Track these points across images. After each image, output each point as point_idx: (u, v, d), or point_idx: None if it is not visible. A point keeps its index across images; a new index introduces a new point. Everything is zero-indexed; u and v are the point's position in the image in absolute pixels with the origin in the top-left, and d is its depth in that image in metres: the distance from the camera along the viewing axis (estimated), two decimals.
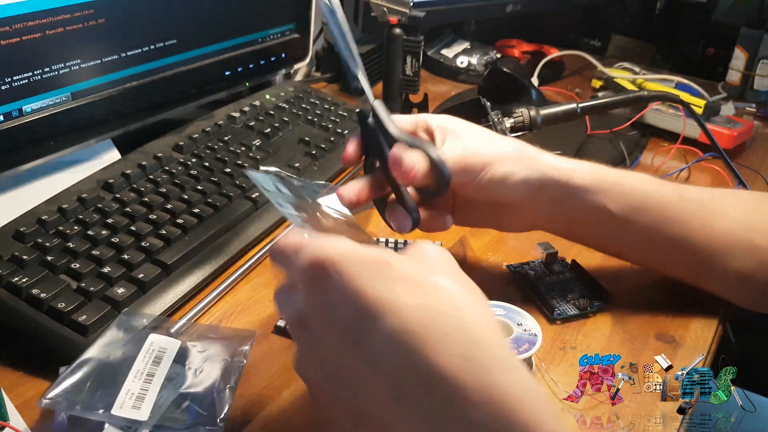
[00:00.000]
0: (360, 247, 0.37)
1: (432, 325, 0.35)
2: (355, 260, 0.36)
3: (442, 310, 0.35)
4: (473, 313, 0.36)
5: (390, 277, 0.35)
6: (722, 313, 0.62)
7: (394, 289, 0.35)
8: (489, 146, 0.56)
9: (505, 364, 0.35)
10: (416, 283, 0.36)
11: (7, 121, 0.65)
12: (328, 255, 0.36)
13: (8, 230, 0.60)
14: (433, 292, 0.36)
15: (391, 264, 0.36)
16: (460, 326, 0.35)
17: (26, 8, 0.63)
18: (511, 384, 0.35)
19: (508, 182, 0.56)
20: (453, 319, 0.35)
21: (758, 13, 1.12)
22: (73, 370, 0.48)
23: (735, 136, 0.94)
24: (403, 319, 0.34)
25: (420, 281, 0.36)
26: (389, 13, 0.95)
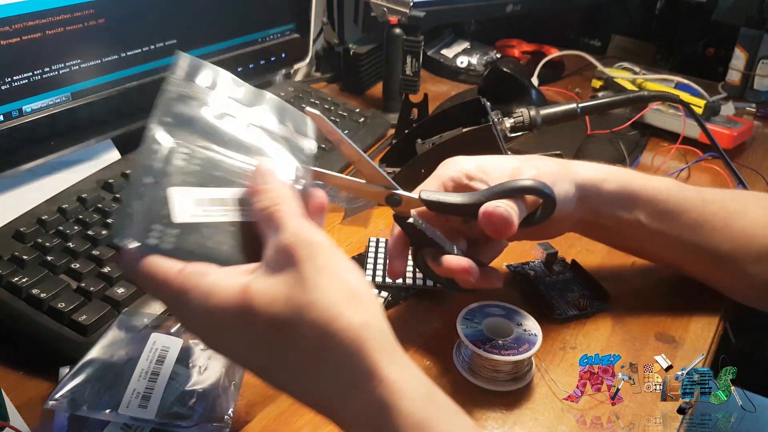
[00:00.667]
0: (221, 295, 0.38)
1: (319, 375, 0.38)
2: (220, 316, 0.38)
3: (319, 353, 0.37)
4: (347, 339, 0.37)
5: (263, 331, 0.38)
6: (722, 313, 0.62)
7: (273, 347, 0.38)
8: (534, 170, 0.55)
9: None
10: (290, 331, 0.37)
11: (7, 121, 0.65)
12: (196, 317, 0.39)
13: (8, 230, 0.60)
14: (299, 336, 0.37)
15: (257, 313, 0.37)
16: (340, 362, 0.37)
17: (26, 8, 0.63)
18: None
19: (565, 200, 0.56)
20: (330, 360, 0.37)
21: (758, 13, 1.12)
22: (77, 371, 0.48)
23: (735, 136, 0.94)
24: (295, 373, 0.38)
25: (293, 326, 0.37)
26: (389, 13, 0.95)
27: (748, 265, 0.59)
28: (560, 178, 0.56)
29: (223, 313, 0.38)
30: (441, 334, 0.58)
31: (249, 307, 0.37)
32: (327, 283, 0.38)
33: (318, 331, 0.37)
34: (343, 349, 0.37)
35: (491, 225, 0.50)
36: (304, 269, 0.38)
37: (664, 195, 0.59)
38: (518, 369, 0.53)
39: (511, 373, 0.53)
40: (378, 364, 0.37)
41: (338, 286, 0.38)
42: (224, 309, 0.38)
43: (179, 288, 0.39)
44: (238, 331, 0.38)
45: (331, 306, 0.37)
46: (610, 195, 0.58)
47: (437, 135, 0.73)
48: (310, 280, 0.37)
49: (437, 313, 0.61)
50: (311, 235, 0.39)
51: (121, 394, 0.47)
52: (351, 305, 0.37)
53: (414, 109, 0.92)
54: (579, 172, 0.58)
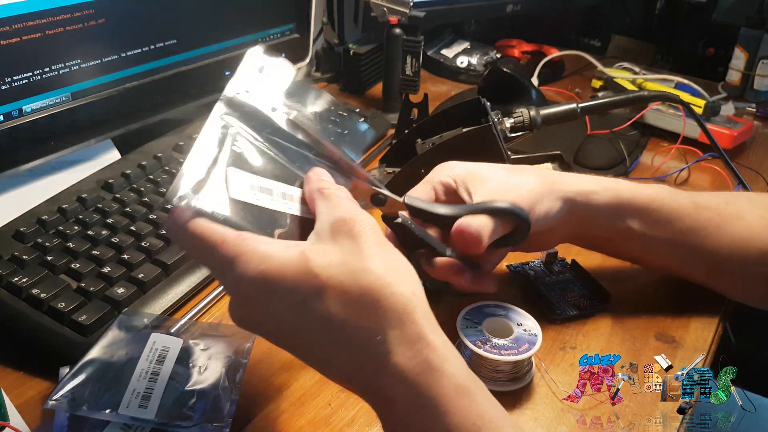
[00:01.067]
0: (282, 258, 0.40)
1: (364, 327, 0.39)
2: (280, 277, 0.40)
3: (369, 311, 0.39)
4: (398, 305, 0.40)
5: (317, 290, 0.39)
6: (722, 313, 0.62)
7: (326, 303, 0.39)
8: (521, 189, 0.56)
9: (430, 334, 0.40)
10: (341, 290, 0.39)
11: (7, 121, 0.65)
12: (253, 277, 0.40)
13: (8, 230, 0.60)
14: (357, 296, 0.39)
15: (315, 274, 0.39)
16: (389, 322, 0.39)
17: (26, 8, 0.63)
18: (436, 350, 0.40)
19: (547, 217, 0.57)
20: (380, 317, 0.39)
21: (758, 13, 1.12)
22: (77, 371, 0.48)
23: (735, 136, 0.94)
24: (339, 328, 0.39)
25: (346, 287, 0.39)
26: (389, 13, 0.95)
27: (747, 268, 0.59)
28: (544, 196, 0.57)
29: (281, 273, 0.39)
30: None
31: (307, 268, 0.39)
32: (380, 256, 0.41)
33: (372, 295, 0.39)
34: (394, 312, 0.39)
35: (461, 240, 0.52)
36: (361, 241, 0.41)
37: (657, 203, 0.59)
38: (518, 369, 0.53)
39: (511, 373, 0.53)
40: (425, 329, 0.40)
41: (390, 260, 0.41)
42: (282, 270, 0.39)
43: (235, 250, 0.40)
44: (291, 293, 0.39)
45: (384, 275, 0.40)
46: (602, 206, 0.59)
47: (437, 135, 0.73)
48: (365, 251, 0.40)
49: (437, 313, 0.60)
50: (367, 216, 0.42)
51: (121, 394, 0.47)
52: (400, 278, 0.40)
53: (414, 109, 0.92)
54: (567, 186, 0.58)
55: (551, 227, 0.58)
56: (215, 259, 0.41)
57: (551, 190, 0.57)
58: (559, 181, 0.59)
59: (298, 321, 0.40)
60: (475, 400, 0.40)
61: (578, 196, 0.58)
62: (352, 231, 0.41)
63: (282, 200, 0.44)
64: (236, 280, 0.40)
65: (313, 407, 0.51)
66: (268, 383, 0.53)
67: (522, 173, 0.59)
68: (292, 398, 0.52)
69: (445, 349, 0.40)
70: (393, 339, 0.39)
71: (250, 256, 0.40)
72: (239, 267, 0.40)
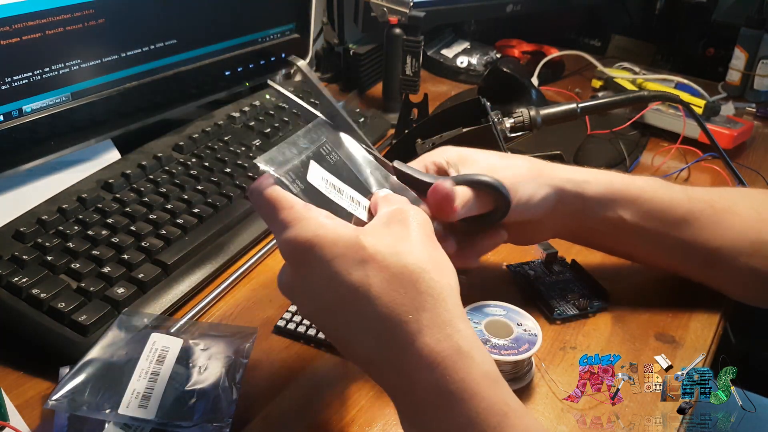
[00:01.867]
0: (337, 229, 0.42)
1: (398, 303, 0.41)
2: (331, 243, 0.42)
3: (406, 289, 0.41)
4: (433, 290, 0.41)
5: (362, 259, 0.41)
6: (722, 313, 0.62)
7: (367, 272, 0.41)
8: (506, 170, 0.56)
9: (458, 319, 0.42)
10: (384, 265, 0.41)
11: (7, 121, 0.65)
12: (308, 239, 0.42)
13: (8, 230, 0.60)
14: (398, 272, 0.41)
15: (363, 246, 0.41)
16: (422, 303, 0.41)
17: (26, 8, 0.63)
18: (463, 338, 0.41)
19: (531, 202, 0.57)
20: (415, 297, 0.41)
21: (758, 13, 1.12)
22: (77, 371, 0.48)
23: (735, 136, 0.94)
24: (374, 300, 0.41)
25: (388, 263, 0.41)
26: (389, 13, 0.95)
27: (739, 261, 0.59)
28: (530, 179, 0.57)
29: (333, 240, 0.41)
30: None
31: (358, 240, 0.41)
32: (425, 245, 0.43)
33: (411, 276, 0.41)
34: (429, 296, 0.41)
35: (435, 201, 0.52)
36: (410, 229, 0.43)
37: (649, 193, 0.59)
38: (518, 369, 0.53)
39: (511, 373, 0.53)
40: (456, 318, 0.41)
41: (433, 252, 0.43)
42: (335, 238, 0.42)
43: (300, 214, 0.43)
44: (338, 259, 0.41)
45: (426, 261, 0.42)
46: (593, 195, 0.59)
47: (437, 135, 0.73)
48: (413, 237, 0.43)
49: None
50: (420, 211, 0.45)
51: (121, 394, 0.47)
52: (439, 268, 0.43)
53: (414, 110, 0.92)
54: (557, 174, 0.58)
55: (540, 216, 0.58)
56: (280, 219, 0.43)
57: (539, 175, 0.58)
58: (548, 169, 0.59)
59: (338, 287, 0.41)
60: (501, 387, 0.41)
61: (568, 184, 0.58)
62: (405, 220, 0.44)
63: (349, 201, 0.48)
64: (293, 240, 0.42)
65: (313, 407, 0.51)
66: (268, 383, 0.53)
67: (513, 158, 0.59)
68: (292, 398, 0.52)
69: (473, 337, 0.42)
70: (425, 320, 0.40)
71: (310, 221, 0.42)
72: (298, 228, 0.42)
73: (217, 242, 0.65)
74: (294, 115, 0.89)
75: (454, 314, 0.41)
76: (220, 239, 0.66)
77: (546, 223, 0.60)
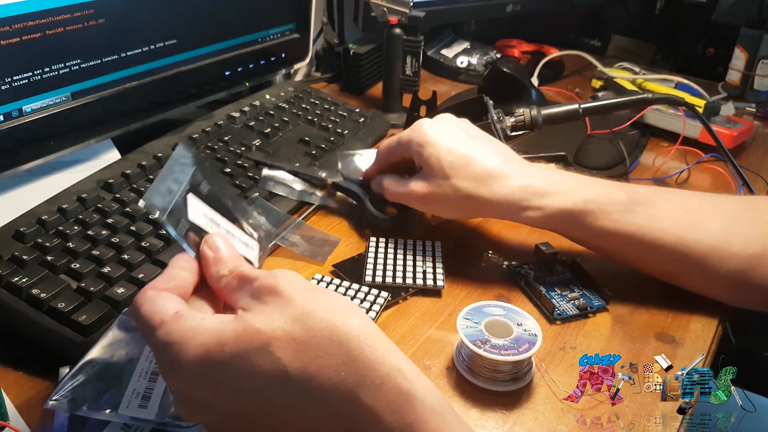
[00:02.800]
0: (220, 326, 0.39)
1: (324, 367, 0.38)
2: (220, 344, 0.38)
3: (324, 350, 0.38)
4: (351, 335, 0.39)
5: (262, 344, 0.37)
6: (722, 313, 0.62)
7: (275, 355, 0.37)
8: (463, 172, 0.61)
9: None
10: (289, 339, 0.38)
11: (7, 121, 0.65)
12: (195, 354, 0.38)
13: (8, 230, 0.60)
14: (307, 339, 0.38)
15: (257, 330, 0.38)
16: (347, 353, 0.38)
17: (26, 8, 0.63)
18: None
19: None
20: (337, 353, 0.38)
21: (758, 13, 1.12)
22: (77, 371, 0.48)
23: (735, 136, 0.94)
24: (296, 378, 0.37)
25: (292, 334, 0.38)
26: (389, 13, 0.95)
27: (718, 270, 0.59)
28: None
29: (219, 341, 0.38)
30: (441, 334, 0.58)
31: (246, 327, 0.38)
32: (315, 298, 0.40)
33: (323, 334, 0.38)
34: (350, 343, 0.38)
35: None
36: (288, 293, 0.40)
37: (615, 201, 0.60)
38: (518, 369, 0.53)
39: (511, 373, 0.53)
40: (386, 354, 0.38)
41: (325, 299, 0.40)
42: (220, 337, 0.38)
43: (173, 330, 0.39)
44: (235, 359, 0.38)
45: (327, 312, 0.39)
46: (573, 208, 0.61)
47: None
48: (298, 299, 0.39)
49: (437, 313, 0.61)
50: (281, 271, 0.41)
51: (121, 394, 0.47)
52: (342, 312, 0.39)
53: (422, 107, 0.92)
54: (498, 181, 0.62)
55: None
56: (155, 343, 0.40)
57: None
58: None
59: (251, 390, 0.38)
60: (447, 419, 0.39)
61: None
62: (276, 289, 0.40)
63: (226, 234, 0.48)
64: (178, 363, 0.39)
65: None
66: None
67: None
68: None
69: (409, 369, 0.39)
70: (355, 373, 0.37)
71: (185, 334, 0.39)
72: (177, 348, 0.39)
73: None
74: (294, 115, 0.89)
75: (381, 353, 0.38)
76: None
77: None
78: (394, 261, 0.64)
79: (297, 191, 0.73)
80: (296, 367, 0.37)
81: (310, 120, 0.89)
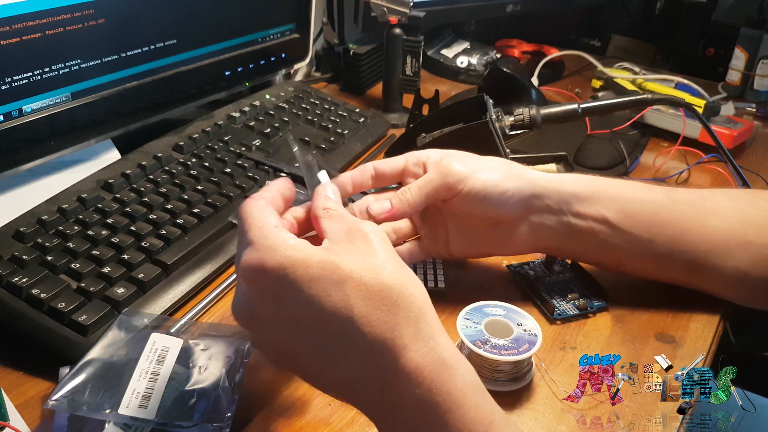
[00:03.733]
0: (308, 250, 0.41)
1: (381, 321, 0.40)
2: (304, 265, 0.40)
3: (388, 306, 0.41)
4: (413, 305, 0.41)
5: (339, 280, 0.40)
6: (722, 313, 0.62)
7: (346, 293, 0.40)
8: (469, 162, 0.58)
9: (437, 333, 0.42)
10: (362, 283, 0.40)
11: (7, 121, 0.65)
12: (279, 262, 0.41)
13: (8, 230, 0.60)
14: (377, 290, 0.41)
15: (338, 266, 0.40)
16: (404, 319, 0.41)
17: (26, 8, 0.63)
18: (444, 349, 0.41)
19: (504, 197, 0.57)
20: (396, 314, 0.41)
21: (758, 13, 1.12)
22: (77, 371, 0.48)
23: (735, 136, 0.94)
24: (357, 320, 0.40)
25: (366, 281, 0.41)
26: (389, 13, 0.95)
27: (726, 264, 0.58)
28: (506, 176, 0.58)
29: (306, 261, 0.40)
30: None
31: (331, 260, 0.41)
32: (395, 260, 0.43)
33: (391, 292, 0.40)
34: (410, 311, 0.41)
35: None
36: (376, 244, 0.43)
37: (630, 194, 0.60)
38: (518, 369, 0.53)
39: (511, 373, 0.53)
40: (437, 331, 0.42)
41: (402, 266, 0.43)
42: (306, 258, 0.41)
43: (269, 234, 0.42)
44: (314, 281, 0.40)
45: (402, 275, 0.42)
46: (571, 190, 0.58)
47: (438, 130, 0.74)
48: (382, 252, 0.42)
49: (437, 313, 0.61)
50: (376, 226, 0.44)
51: (121, 394, 0.47)
52: (414, 282, 0.42)
53: (425, 105, 0.92)
54: (536, 175, 0.59)
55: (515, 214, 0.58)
56: (248, 239, 0.42)
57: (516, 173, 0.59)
58: (525, 170, 0.60)
59: (319, 310, 0.40)
60: (486, 398, 0.41)
61: (547, 183, 0.58)
62: (367, 237, 0.43)
63: None
64: (261, 263, 0.41)
65: (313, 407, 0.51)
66: (268, 383, 0.53)
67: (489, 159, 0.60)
68: (292, 398, 0.52)
69: (454, 349, 0.42)
70: (408, 336, 0.40)
71: (278, 243, 0.41)
72: (266, 250, 0.41)
73: (217, 242, 0.65)
74: (294, 115, 0.89)
75: (434, 328, 0.41)
76: (220, 239, 0.66)
77: (522, 227, 0.59)
78: None
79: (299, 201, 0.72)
80: (361, 311, 0.40)
81: (310, 120, 0.89)
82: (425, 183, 0.57)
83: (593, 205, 0.58)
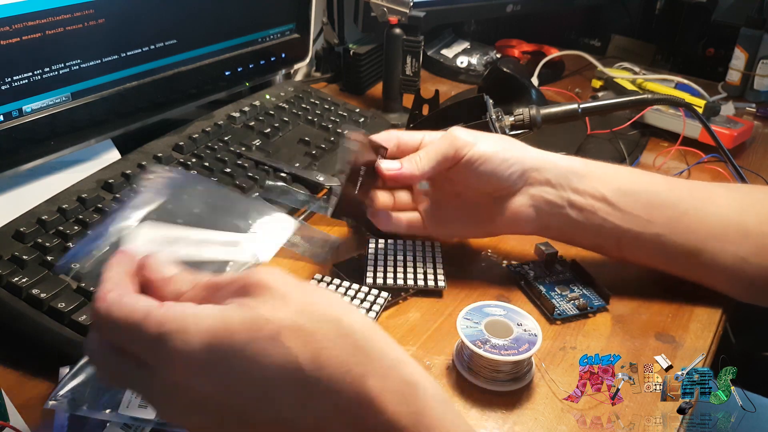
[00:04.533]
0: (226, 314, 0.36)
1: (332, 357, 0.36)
2: (229, 333, 0.35)
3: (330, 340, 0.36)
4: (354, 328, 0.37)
5: (272, 334, 0.35)
6: (722, 313, 0.62)
7: (285, 345, 0.35)
8: (474, 133, 0.61)
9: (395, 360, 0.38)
10: (297, 328, 0.36)
11: (7, 121, 0.65)
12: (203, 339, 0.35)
13: (8, 230, 0.60)
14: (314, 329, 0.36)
15: (266, 319, 0.35)
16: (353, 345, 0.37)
17: (26, 8, 0.63)
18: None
19: (501, 168, 0.60)
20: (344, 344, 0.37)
21: (758, 13, 1.12)
22: (77, 371, 0.48)
23: (735, 136, 0.94)
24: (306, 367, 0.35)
25: (300, 324, 0.36)
26: (389, 13, 0.95)
27: (726, 250, 0.59)
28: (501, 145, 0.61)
29: (227, 328, 0.35)
30: (441, 334, 0.58)
31: (254, 316, 0.36)
32: (312, 291, 0.38)
33: (330, 325, 0.36)
34: (357, 333, 0.37)
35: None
36: (284, 288, 0.37)
37: (629, 176, 0.62)
38: (518, 369, 0.53)
39: (511, 373, 0.53)
40: (388, 347, 0.38)
41: (322, 293, 0.39)
42: (227, 324, 0.35)
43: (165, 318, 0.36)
44: (245, 347, 0.35)
45: (330, 304, 0.38)
46: (569, 167, 0.61)
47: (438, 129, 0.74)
48: (295, 292, 0.37)
49: (437, 313, 0.61)
50: (263, 269, 0.38)
51: (121, 394, 0.47)
52: (345, 308, 0.38)
53: (425, 105, 0.92)
54: (535, 152, 0.62)
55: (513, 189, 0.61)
56: (146, 338, 0.35)
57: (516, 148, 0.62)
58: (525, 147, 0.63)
59: (260, 381, 0.35)
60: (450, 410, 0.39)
61: (545, 157, 0.61)
62: (266, 284, 0.37)
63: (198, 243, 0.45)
64: (183, 353, 0.35)
65: None
66: None
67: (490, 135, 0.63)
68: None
69: (411, 362, 0.39)
70: (364, 361, 0.37)
71: (184, 321, 0.35)
72: (180, 337, 0.35)
73: None
74: (294, 115, 0.89)
75: (385, 343, 0.38)
76: None
77: (522, 198, 0.61)
78: (395, 262, 0.64)
79: (300, 200, 0.72)
80: (307, 358, 0.35)
81: (310, 120, 0.89)
82: (433, 149, 0.60)
83: (591, 182, 0.60)
